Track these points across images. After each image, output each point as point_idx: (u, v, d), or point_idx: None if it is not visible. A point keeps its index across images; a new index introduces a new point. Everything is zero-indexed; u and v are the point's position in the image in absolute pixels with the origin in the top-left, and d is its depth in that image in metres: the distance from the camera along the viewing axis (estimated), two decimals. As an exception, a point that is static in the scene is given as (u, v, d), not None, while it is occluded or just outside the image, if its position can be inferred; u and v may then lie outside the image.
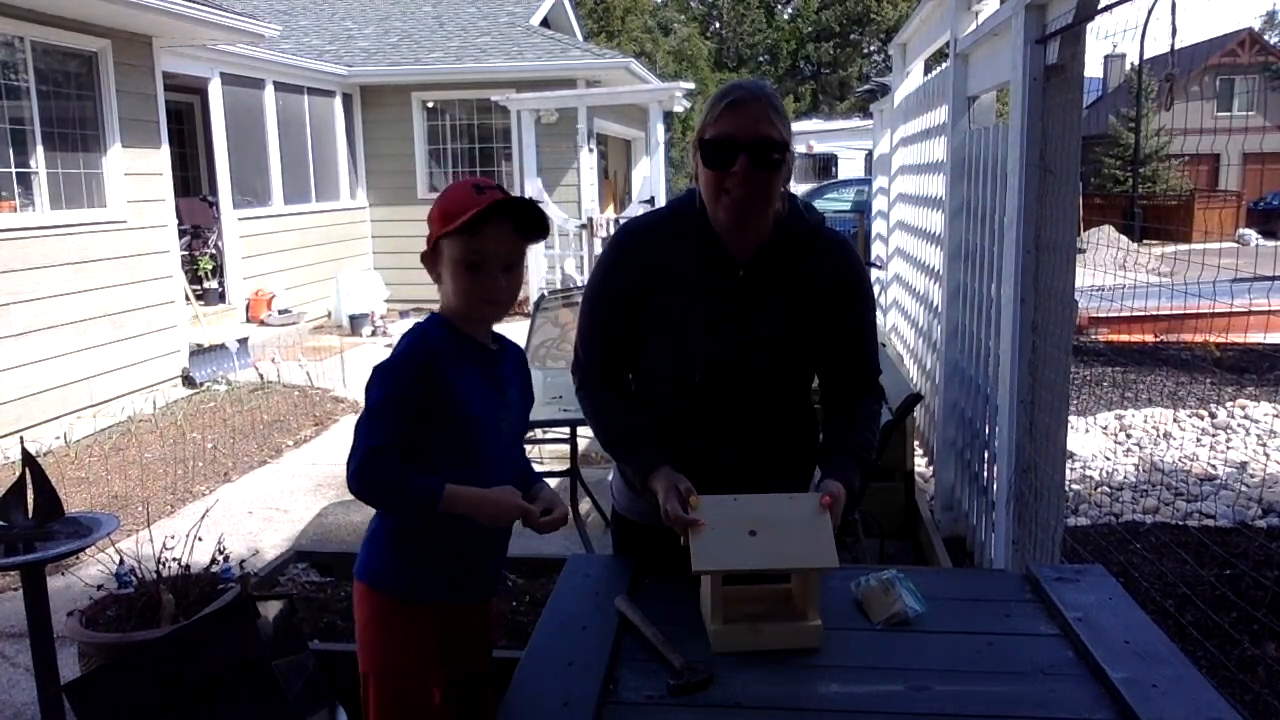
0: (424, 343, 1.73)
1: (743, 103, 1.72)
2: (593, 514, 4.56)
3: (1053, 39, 2.73)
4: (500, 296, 1.75)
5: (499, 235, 1.70)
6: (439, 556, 1.80)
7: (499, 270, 1.73)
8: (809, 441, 1.97)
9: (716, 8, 44.54)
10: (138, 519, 4.74)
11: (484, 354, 1.80)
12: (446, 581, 1.83)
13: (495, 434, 1.79)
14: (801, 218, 1.86)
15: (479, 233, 1.68)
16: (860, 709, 1.45)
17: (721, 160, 1.72)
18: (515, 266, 1.77)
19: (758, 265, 1.82)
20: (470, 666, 1.91)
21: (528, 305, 10.25)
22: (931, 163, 5.13)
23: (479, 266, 1.71)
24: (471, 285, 1.72)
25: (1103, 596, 1.76)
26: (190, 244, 9.94)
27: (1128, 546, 4.07)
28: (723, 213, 1.78)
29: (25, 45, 6.52)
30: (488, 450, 1.77)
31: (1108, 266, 12.23)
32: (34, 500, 2.55)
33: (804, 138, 17.05)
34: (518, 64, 11.89)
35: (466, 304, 1.74)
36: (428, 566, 1.80)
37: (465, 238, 1.68)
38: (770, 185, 1.75)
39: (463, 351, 1.76)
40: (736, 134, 1.71)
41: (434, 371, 1.69)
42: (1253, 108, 33.39)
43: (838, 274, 1.87)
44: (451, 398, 1.70)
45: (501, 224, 1.70)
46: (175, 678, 2.28)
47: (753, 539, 1.60)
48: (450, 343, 1.75)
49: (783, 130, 1.73)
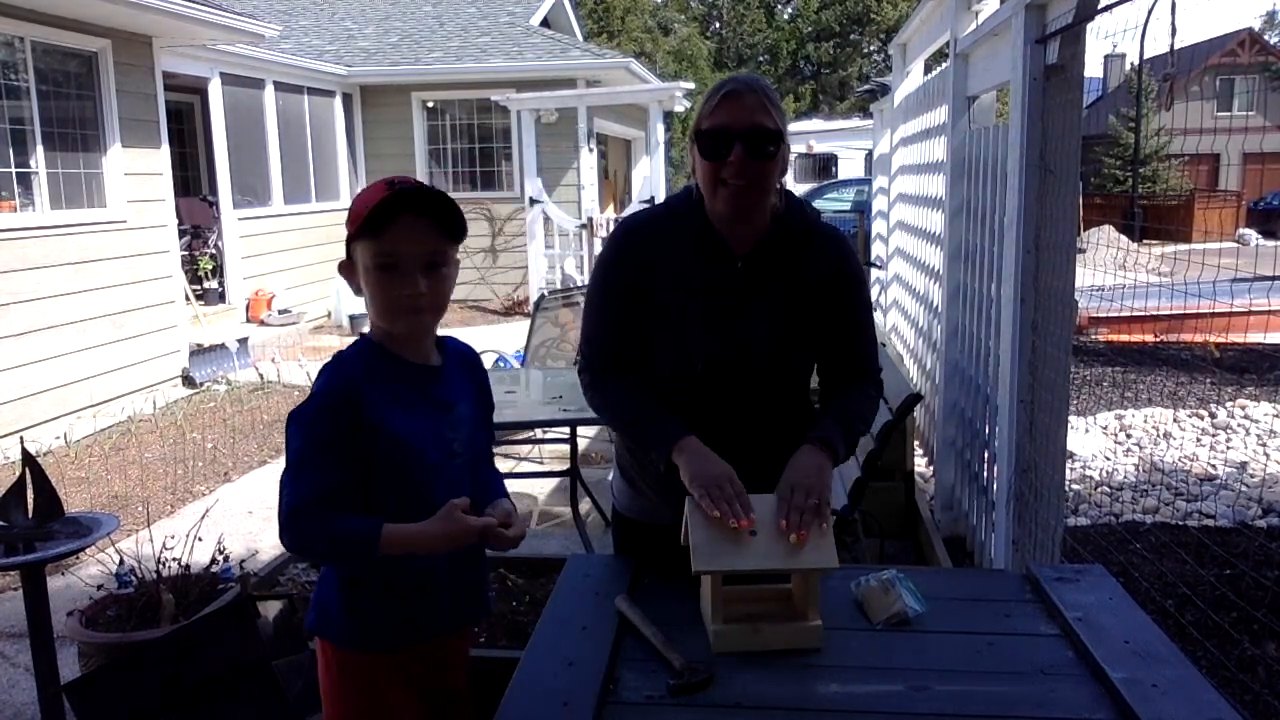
0: (340, 376, 1.58)
1: (737, 94, 1.73)
2: (593, 514, 4.56)
3: (1053, 39, 2.73)
4: (421, 302, 1.58)
5: (412, 232, 1.55)
6: (386, 601, 1.66)
7: (417, 271, 1.56)
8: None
9: (716, 8, 44.54)
10: (138, 519, 4.74)
11: (420, 373, 1.66)
12: (404, 623, 1.68)
13: (443, 460, 1.64)
14: (798, 213, 1.88)
15: (388, 230, 1.54)
16: (860, 709, 1.45)
17: (717, 151, 1.74)
18: (439, 267, 1.59)
19: (756, 259, 1.83)
20: (448, 692, 1.79)
21: (528, 305, 10.27)
22: (931, 163, 5.13)
23: (392, 268, 1.55)
24: (387, 291, 1.56)
25: (1103, 596, 1.76)
26: (190, 244, 9.95)
27: (1128, 546, 4.07)
28: (720, 204, 1.78)
29: (25, 45, 6.52)
30: (436, 480, 1.62)
31: (1108, 266, 12.23)
32: (34, 500, 2.56)
33: (804, 138, 17.04)
34: (518, 64, 11.89)
35: (387, 314, 1.59)
36: (376, 613, 1.66)
37: (374, 239, 1.55)
38: (766, 175, 1.76)
39: (392, 375, 1.61)
40: (731, 125, 1.72)
41: (357, 406, 1.55)
42: (1253, 108, 33.39)
43: (835, 268, 1.87)
44: (382, 431, 1.56)
45: (414, 220, 1.55)
46: (175, 678, 2.29)
47: (753, 539, 1.60)
48: (373, 369, 1.60)
49: (778, 121, 1.75)
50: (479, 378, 1.80)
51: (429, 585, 1.68)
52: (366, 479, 1.57)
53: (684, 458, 1.70)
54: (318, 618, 1.70)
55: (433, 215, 1.57)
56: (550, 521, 4.75)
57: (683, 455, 1.71)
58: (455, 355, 1.75)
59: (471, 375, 1.77)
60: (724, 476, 1.64)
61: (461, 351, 1.78)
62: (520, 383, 5.06)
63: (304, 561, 3.30)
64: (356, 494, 1.56)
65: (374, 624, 1.66)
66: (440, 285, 1.60)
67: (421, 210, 1.56)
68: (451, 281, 1.64)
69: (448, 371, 1.71)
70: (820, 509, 1.62)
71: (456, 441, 1.68)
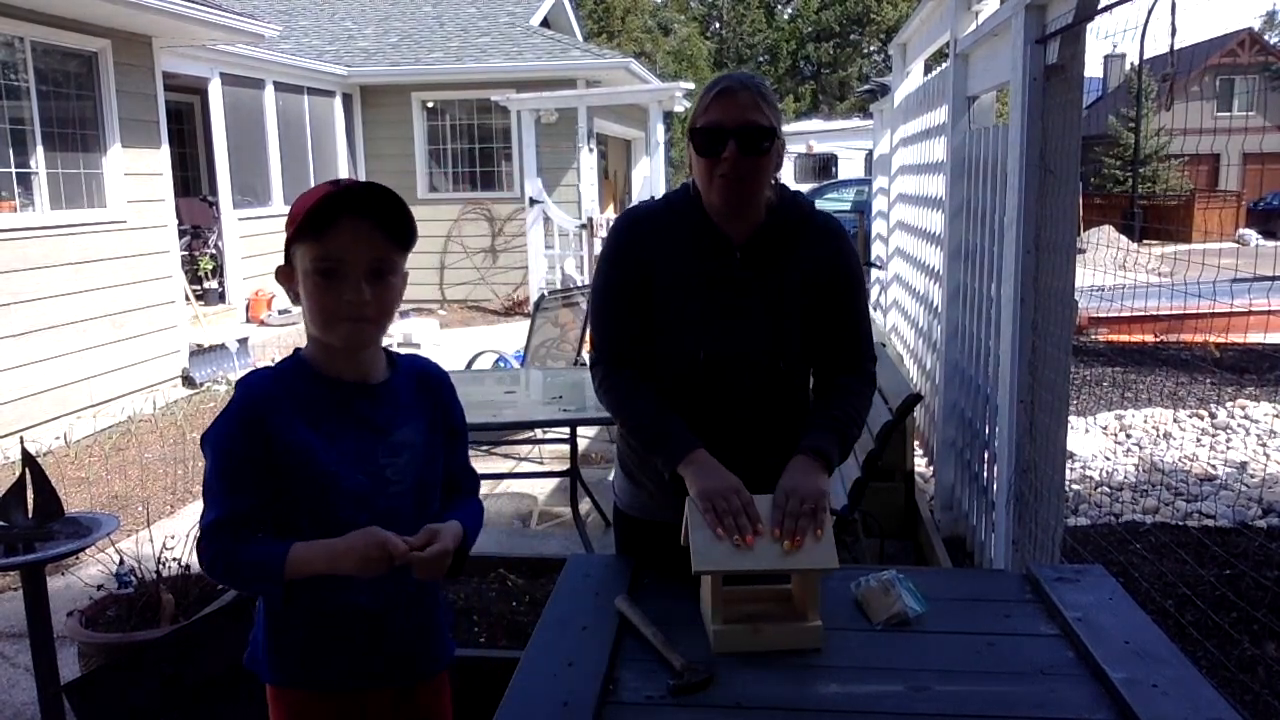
0: (248, 394, 1.48)
1: (731, 91, 1.76)
2: (593, 514, 4.56)
3: (1053, 39, 2.73)
4: (365, 311, 1.45)
5: (356, 235, 1.43)
6: (313, 634, 1.54)
7: (360, 278, 1.44)
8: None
9: (716, 8, 44.55)
10: (138, 519, 4.74)
11: (352, 391, 1.52)
12: (336, 659, 1.55)
13: (371, 488, 1.51)
14: (794, 205, 1.91)
15: (330, 232, 1.42)
16: (860, 709, 1.45)
17: (712, 147, 1.77)
18: (386, 274, 1.47)
19: (753, 250, 1.86)
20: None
21: (528, 305, 10.27)
22: (931, 163, 5.13)
23: (333, 274, 1.43)
24: (326, 298, 1.44)
25: (1103, 596, 1.76)
26: (190, 244, 9.95)
27: (1128, 546, 4.07)
28: (716, 198, 1.81)
29: (25, 45, 6.52)
30: (361, 509, 1.49)
31: (1108, 266, 12.23)
32: (34, 500, 2.56)
33: (804, 138, 17.03)
34: (518, 64, 11.89)
35: (324, 324, 1.46)
36: (303, 648, 1.54)
37: (314, 241, 1.43)
38: (760, 170, 1.79)
39: (314, 394, 1.50)
40: (725, 121, 1.75)
41: (263, 426, 1.45)
42: (1253, 108, 33.40)
43: (831, 258, 1.90)
44: (291, 453, 1.46)
45: (357, 222, 1.43)
46: (175, 678, 2.29)
47: (753, 539, 1.60)
48: (293, 387, 1.50)
49: (770, 117, 1.77)
50: (440, 399, 1.64)
51: (359, 617, 1.56)
52: (284, 504, 1.48)
53: (691, 470, 1.70)
54: (249, 651, 1.62)
55: (378, 218, 1.45)
56: (550, 521, 4.75)
57: (690, 468, 1.71)
58: (409, 374, 1.61)
59: (428, 397, 1.62)
60: (730, 489, 1.64)
61: (421, 370, 1.64)
62: (520, 383, 5.06)
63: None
64: (268, 517, 1.47)
65: (302, 659, 1.56)
66: (385, 294, 1.47)
67: (365, 212, 1.44)
68: (398, 292, 1.51)
69: (392, 391, 1.57)
70: (816, 514, 1.62)
71: (391, 468, 1.54)
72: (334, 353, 1.51)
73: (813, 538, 1.60)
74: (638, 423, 1.86)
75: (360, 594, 1.53)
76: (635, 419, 1.87)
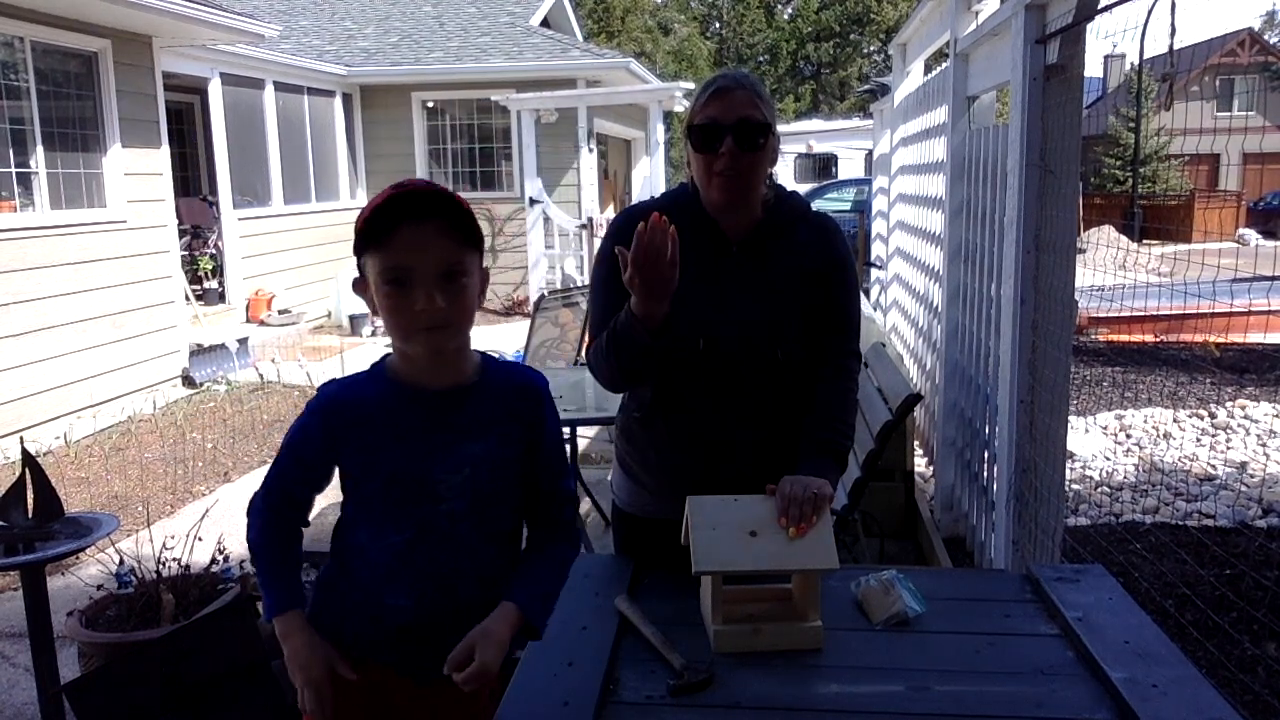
0: (324, 395, 1.50)
1: (727, 89, 1.81)
2: (593, 514, 4.56)
3: (1053, 39, 2.73)
4: (443, 319, 1.40)
5: (420, 240, 1.37)
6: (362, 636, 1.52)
7: (431, 284, 1.38)
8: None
9: (716, 8, 44.54)
10: (138, 519, 4.74)
11: (434, 400, 1.47)
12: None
13: (421, 501, 1.46)
14: (788, 202, 1.95)
15: (393, 241, 1.37)
16: (860, 709, 1.45)
17: (709, 144, 1.81)
18: (458, 276, 1.40)
19: (751, 245, 1.90)
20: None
21: (527, 305, 10.27)
22: (931, 163, 5.13)
23: (402, 282, 1.38)
24: (401, 307, 1.39)
25: (1103, 596, 1.76)
26: (190, 244, 9.95)
27: (1128, 546, 4.07)
28: (714, 193, 1.85)
29: (25, 45, 6.52)
30: (409, 520, 1.46)
31: (1108, 266, 12.22)
32: (34, 500, 2.56)
33: (804, 138, 17.04)
34: (518, 64, 11.89)
35: (401, 335, 1.43)
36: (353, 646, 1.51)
37: (380, 251, 1.39)
38: (756, 165, 1.83)
39: (383, 404, 1.47)
40: (721, 118, 1.80)
41: (329, 429, 1.48)
42: (1253, 108, 33.39)
43: (824, 252, 1.93)
44: (350, 459, 1.48)
45: (420, 226, 1.37)
46: (175, 678, 2.29)
47: (753, 540, 1.60)
48: (357, 395, 1.48)
49: (765, 114, 1.82)
50: (528, 415, 1.52)
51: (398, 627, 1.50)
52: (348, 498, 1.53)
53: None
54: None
55: (442, 220, 1.39)
56: (550, 521, 4.74)
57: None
58: (498, 382, 1.52)
59: (513, 410, 1.51)
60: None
61: (512, 378, 1.54)
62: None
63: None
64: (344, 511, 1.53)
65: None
66: (460, 297, 1.41)
67: (427, 215, 1.38)
68: (473, 293, 1.43)
69: (474, 400, 1.49)
70: (819, 501, 1.63)
71: (444, 485, 1.46)
72: (411, 360, 1.47)
73: (818, 532, 1.60)
74: (608, 336, 1.81)
75: (400, 598, 1.49)
76: (606, 338, 1.81)
